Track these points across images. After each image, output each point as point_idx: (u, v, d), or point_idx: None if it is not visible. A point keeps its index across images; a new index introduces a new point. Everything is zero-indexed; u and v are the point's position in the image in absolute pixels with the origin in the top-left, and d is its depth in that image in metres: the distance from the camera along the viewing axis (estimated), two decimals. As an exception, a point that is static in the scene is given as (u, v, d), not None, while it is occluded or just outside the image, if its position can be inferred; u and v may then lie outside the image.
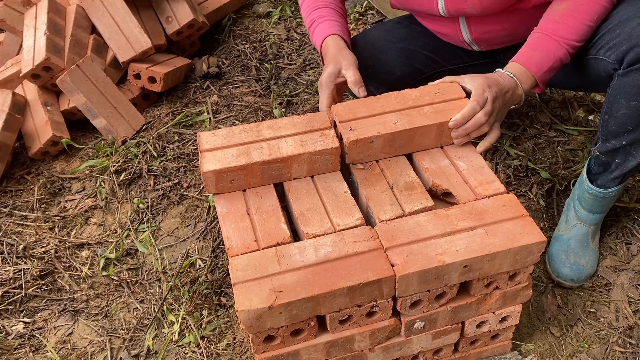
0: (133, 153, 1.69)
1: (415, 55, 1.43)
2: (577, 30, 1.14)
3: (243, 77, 1.98)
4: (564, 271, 1.33)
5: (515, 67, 1.16)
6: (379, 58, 1.41)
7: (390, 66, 1.41)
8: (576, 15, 1.14)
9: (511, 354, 1.20)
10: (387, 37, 1.43)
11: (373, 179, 1.12)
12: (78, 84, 1.68)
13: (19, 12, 1.90)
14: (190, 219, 1.53)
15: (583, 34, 1.15)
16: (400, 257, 0.96)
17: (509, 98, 1.13)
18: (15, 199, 1.61)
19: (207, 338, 1.27)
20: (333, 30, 1.26)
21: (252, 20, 2.22)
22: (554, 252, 1.37)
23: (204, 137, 1.12)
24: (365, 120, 1.12)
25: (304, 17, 1.34)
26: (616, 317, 1.28)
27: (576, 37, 1.14)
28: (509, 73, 1.14)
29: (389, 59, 1.41)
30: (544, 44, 1.15)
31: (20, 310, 1.35)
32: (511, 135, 1.67)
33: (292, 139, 1.11)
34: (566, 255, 1.34)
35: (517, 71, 1.15)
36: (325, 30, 1.26)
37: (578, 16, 1.14)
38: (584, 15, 1.14)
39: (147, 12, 1.94)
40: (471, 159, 1.14)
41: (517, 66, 1.16)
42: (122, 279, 1.39)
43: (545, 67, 1.14)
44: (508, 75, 1.14)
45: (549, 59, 1.14)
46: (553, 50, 1.14)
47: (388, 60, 1.41)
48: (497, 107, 1.11)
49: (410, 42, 1.43)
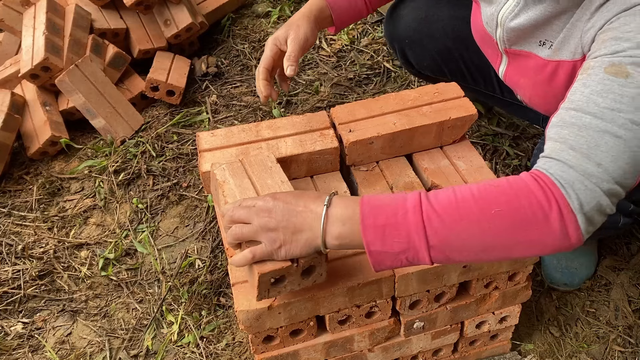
0: (132, 153, 1.69)
1: (451, 61, 1.41)
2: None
3: (242, 77, 1.98)
4: (556, 276, 1.33)
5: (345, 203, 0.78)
6: (424, 34, 1.39)
7: (422, 56, 1.42)
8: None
9: (510, 354, 1.20)
10: (443, 25, 1.39)
11: (373, 179, 1.12)
12: (77, 84, 1.68)
13: (18, 12, 1.89)
14: (189, 219, 1.53)
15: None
16: (399, 257, 0.96)
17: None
18: (14, 199, 1.61)
19: (206, 338, 1.27)
20: None
21: (251, 20, 2.22)
22: (545, 257, 1.36)
23: (203, 137, 1.12)
24: (364, 121, 1.12)
25: None
26: (615, 316, 1.28)
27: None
28: (325, 204, 0.78)
29: (427, 53, 1.42)
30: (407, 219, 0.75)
31: (19, 310, 1.35)
32: (511, 135, 1.67)
33: (291, 139, 1.11)
34: (557, 260, 1.34)
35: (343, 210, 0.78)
36: None
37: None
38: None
39: (147, 15, 1.94)
40: (470, 158, 1.14)
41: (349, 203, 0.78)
42: (121, 279, 1.39)
43: (380, 217, 0.75)
44: (322, 205, 0.78)
45: (394, 212, 0.75)
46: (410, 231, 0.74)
47: (426, 51, 1.41)
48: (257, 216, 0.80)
49: (455, 43, 1.40)
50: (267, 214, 0.79)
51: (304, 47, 1.11)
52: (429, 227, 0.73)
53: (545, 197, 0.72)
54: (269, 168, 1.01)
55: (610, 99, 0.74)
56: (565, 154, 0.74)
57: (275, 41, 1.12)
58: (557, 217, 0.71)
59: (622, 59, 0.76)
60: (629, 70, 0.75)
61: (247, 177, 0.99)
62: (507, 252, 0.75)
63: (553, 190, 0.72)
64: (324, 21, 1.18)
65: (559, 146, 0.76)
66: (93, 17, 1.87)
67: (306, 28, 1.12)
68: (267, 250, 0.80)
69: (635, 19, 0.77)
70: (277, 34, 1.12)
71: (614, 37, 0.78)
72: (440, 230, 0.73)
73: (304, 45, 1.11)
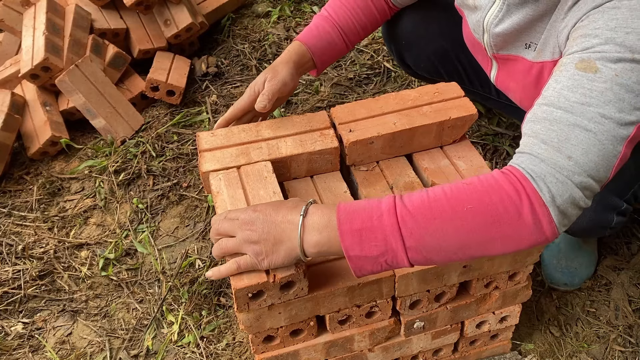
0: (132, 153, 1.69)
1: (448, 62, 1.41)
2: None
3: (242, 77, 1.98)
4: (556, 276, 1.33)
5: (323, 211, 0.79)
6: (419, 34, 1.41)
7: (418, 58, 1.44)
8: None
9: (511, 354, 1.20)
10: (440, 27, 1.40)
11: (373, 179, 1.12)
12: (77, 84, 1.68)
13: (18, 12, 1.89)
14: (189, 219, 1.53)
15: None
16: (399, 257, 0.96)
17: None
18: (14, 199, 1.61)
19: (207, 338, 1.27)
20: (304, 36, 1.20)
21: (251, 20, 2.22)
22: (545, 257, 1.36)
23: (203, 137, 1.12)
24: (364, 121, 1.12)
25: None
26: (616, 315, 1.28)
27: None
28: (302, 214, 0.79)
29: (423, 55, 1.43)
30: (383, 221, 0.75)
31: (19, 310, 1.35)
32: (511, 135, 1.67)
33: (291, 139, 1.11)
34: (557, 259, 1.34)
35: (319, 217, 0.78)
36: (302, 33, 1.22)
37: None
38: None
39: (147, 15, 1.94)
40: (471, 158, 1.14)
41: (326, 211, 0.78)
42: (122, 279, 1.39)
43: (355, 221, 0.76)
44: (298, 215, 0.79)
45: (369, 216, 0.76)
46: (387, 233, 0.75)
47: (422, 52, 1.43)
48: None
49: (452, 44, 1.40)
50: (249, 227, 0.81)
51: (280, 89, 1.12)
52: (404, 228, 0.74)
53: (516, 192, 0.72)
54: (264, 178, 1.01)
55: (579, 94, 0.76)
56: (536, 147, 0.75)
57: (254, 86, 1.14)
58: (529, 210, 0.72)
59: (590, 55, 0.78)
60: (598, 66, 0.76)
61: (242, 187, 1.01)
62: (483, 249, 0.75)
63: (524, 183, 0.73)
64: (305, 65, 1.20)
65: (531, 140, 0.77)
66: (93, 17, 1.87)
67: (285, 73, 1.13)
68: (251, 261, 0.82)
69: (603, 16, 0.79)
70: (256, 80, 1.14)
71: (583, 35, 0.80)
72: (415, 231, 0.74)
73: (281, 88, 1.12)
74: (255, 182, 1.01)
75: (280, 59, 1.17)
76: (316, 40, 1.19)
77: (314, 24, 1.21)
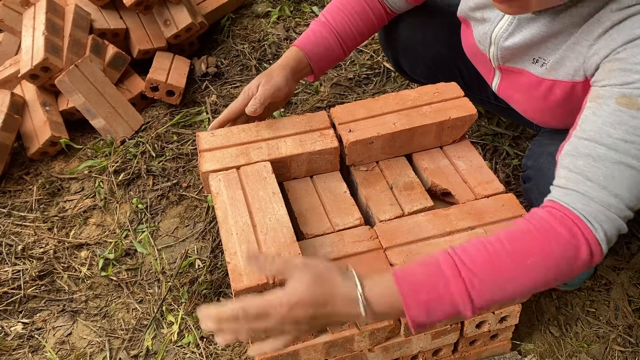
0: (132, 153, 1.69)
1: (445, 68, 1.41)
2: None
3: (242, 77, 1.98)
4: None
5: (384, 284, 0.76)
6: (418, 40, 1.41)
7: (415, 64, 1.44)
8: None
9: (510, 354, 1.20)
10: (437, 33, 1.40)
11: (372, 179, 1.12)
12: (77, 84, 1.68)
13: (18, 12, 1.89)
14: (189, 219, 1.53)
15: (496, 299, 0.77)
16: (399, 257, 0.96)
17: (327, 314, 0.76)
18: (14, 199, 1.61)
19: (207, 338, 1.27)
20: (302, 41, 1.20)
21: (251, 20, 2.22)
22: None
23: (203, 137, 1.12)
24: (364, 121, 1.12)
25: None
26: (616, 315, 1.28)
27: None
28: (359, 290, 0.74)
29: (420, 61, 1.43)
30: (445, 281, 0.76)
31: (19, 310, 1.35)
32: (511, 135, 1.67)
33: (291, 139, 1.11)
34: None
35: (380, 293, 0.75)
36: (299, 39, 1.22)
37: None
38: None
39: (147, 15, 1.94)
40: (470, 158, 1.14)
41: (388, 283, 0.76)
42: (121, 280, 1.39)
43: (422, 293, 0.75)
44: (354, 289, 0.75)
45: (435, 285, 0.75)
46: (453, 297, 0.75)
47: (419, 58, 1.43)
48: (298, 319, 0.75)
49: (449, 50, 1.39)
50: (300, 326, 0.76)
51: (274, 94, 1.13)
52: (472, 291, 0.75)
53: (573, 236, 0.76)
54: (264, 179, 1.02)
55: (622, 130, 0.77)
56: (582, 185, 0.78)
57: (248, 90, 1.14)
58: (586, 249, 0.77)
59: (632, 91, 0.78)
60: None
61: (241, 188, 1.01)
62: (543, 287, 0.79)
63: (580, 226, 0.77)
64: (303, 71, 1.20)
65: (576, 177, 0.79)
66: (93, 17, 1.87)
67: (279, 78, 1.14)
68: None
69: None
70: (250, 83, 1.15)
71: (622, 69, 0.81)
72: (482, 292, 0.75)
73: (274, 92, 1.13)
74: (255, 183, 1.01)
75: (276, 64, 1.17)
76: (313, 46, 1.19)
77: (311, 30, 1.21)
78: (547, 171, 1.07)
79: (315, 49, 1.19)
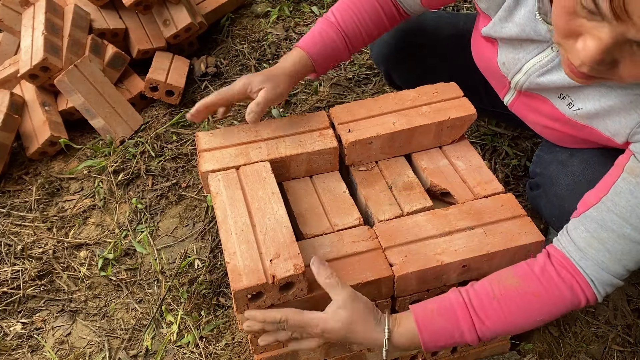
0: (131, 153, 1.69)
1: (440, 78, 1.40)
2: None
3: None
4: None
5: (408, 323, 0.89)
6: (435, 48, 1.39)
7: (407, 78, 1.43)
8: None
9: (510, 354, 1.20)
10: (427, 46, 1.38)
11: (372, 179, 1.12)
12: (76, 84, 1.67)
13: (17, 12, 1.89)
14: (188, 219, 1.53)
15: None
16: (398, 257, 0.96)
17: (349, 340, 0.90)
18: (13, 199, 1.61)
19: (206, 338, 1.27)
20: (308, 43, 1.15)
21: (251, 20, 2.22)
22: None
23: (202, 137, 1.12)
24: (363, 121, 1.12)
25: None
26: (615, 315, 1.28)
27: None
28: (386, 337, 0.87)
29: (412, 74, 1.42)
30: (456, 316, 0.88)
31: (18, 310, 1.35)
32: (510, 135, 1.68)
33: (290, 139, 1.11)
34: None
35: (404, 329, 0.88)
36: (306, 40, 1.16)
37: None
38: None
39: (147, 15, 1.94)
40: (470, 158, 1.14)
41: (410, 323, 0.88)
42: (121, 280, 1.39)
43: (440, 342, 0.89)
44: (382, 335, 0.88)
45: (451, 335, 0.89)
46: (462, 329, 0.88)
47: (410, 72, 1.42)
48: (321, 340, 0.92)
49: (440, 60, 1.38)
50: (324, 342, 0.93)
51: (274, 101, 1.10)
52: (482, 337, 0.89)
53: (578, 298, 0.87)
54: (263, 179, 1.02)
55: None
56: (601, 255, 0.85)
57: (250, 84, 1.09)
58: (585, 304, 0.88)
59: None
60: None
61: (241, 188, 1.01)
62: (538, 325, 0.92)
63: (586, 291, 0.87)
64: (306, 73, 1.16)
65: (597, 245, 0.85)
66: (92, 17, 1.87)
67: (285, 86, 1.11)
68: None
69: None
70: (253, 79, 1.09)
71: None
72: (491, 337, 0.89)
73: (276, 99, 1.10)
74: (254, 183, 1.01)
75: (283, 69, 1.12)
76: (319, 48, 1.15)
77: (318, 31, 1.16)
78: (556, 180, 1.07)
79: (322, 51, 1.15)
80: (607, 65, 0.69)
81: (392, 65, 1.44)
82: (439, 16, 1.39)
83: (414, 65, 1.42)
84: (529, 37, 0.94)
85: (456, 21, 1.39)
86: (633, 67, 0.68)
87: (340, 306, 0.86)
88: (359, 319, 0.86)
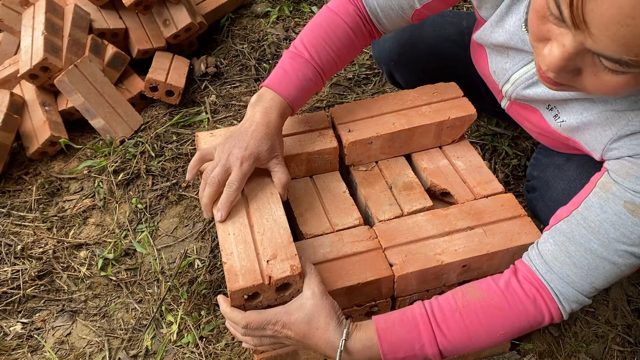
0: (131, 153, 1.69)
1: (441, 79, 1.38)
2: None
3: (241, 77, 1.98)
4: None
5: (367, 332, 0.87)
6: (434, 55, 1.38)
7: (409, 77, 1.42)
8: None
9: (510, 354, 1.21)
10: (429, 46, 1.37)
11: (372, 179, 1.12)
12: (76, 84, 1.67)
13: (17, 12, 1.89)
14: (188, 219, 1.53)
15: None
16: (398, 257, 0.96)
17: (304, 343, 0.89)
18: (13, 199, 1.61)
19: (206, 338, 1.27)
20: (286, 89, 1.02)
21: (251, 20, 2.22)
22: None
23: (202, 137, 1.12)
24: (363, 121, 1.12)
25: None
26: (615, 315, 1.28)
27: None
28: (342, 342, 0.85)
29: (414, 75, 1.41)
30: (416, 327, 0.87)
31: (18, 310, 1.35)
32: (510, 135, 1.68)
33: (290, 139, 1.11)
34: None
35: (362, 338, 0.86)
36: (281, 83, 1.03)
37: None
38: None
39: (147, 15, 1.94)
40: (470, 158, 1.14)
41: (370, 332, 0.86)
42: (121, 279, 1.39)
43: (399, 353, 0.86)
44: (338, 340, 0.85)
45: (411, 347, 0.86)
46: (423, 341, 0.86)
47: (413, 72, 1.41)
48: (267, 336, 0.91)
49: (441, 61, 1.38)
50: (281, 345, 0.94)
51: (257, 165, 1.00)
52: (444, 352, 0.86)
53: (542, 315, 0.87)
54: (262, 179, 1.02)
55: (620, 233, 0.79)
56: (567, 269, 0.84)
57: (226, 163, 0.96)
58: (549, 321, 0.88)
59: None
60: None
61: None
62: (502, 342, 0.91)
63: (550, 307, 0.86)
64: (284, 117, 1.05)
65: (564, 259, 0.84)
66: (92, 17, 1.87)
67: (264, 147, 0.98)
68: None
69: None
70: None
71: (638, 176, 0.79)
72: (453, 353, 0.88)
73: (258, 164, 0.99)
74: (254, 184, 1.01)
75: (266, 127, 0.98)
76: (298, 92, 1.04)
77: (293, 71, 1.04)
78: (552, 183, 1.07)
79: (300, 94, 1.05)
80: (571, 73, 0.68)
81: (394, 64, 1.44)
82: (441, 15, 1.39)
83: (415, 65, 1.42)
84: (516, 46, 0.94)
85: (458, 20, 1.39)
86: (593, 78, 0.67)
87: (308, 297, 0.86)
88: (323, 313, 0.85)
